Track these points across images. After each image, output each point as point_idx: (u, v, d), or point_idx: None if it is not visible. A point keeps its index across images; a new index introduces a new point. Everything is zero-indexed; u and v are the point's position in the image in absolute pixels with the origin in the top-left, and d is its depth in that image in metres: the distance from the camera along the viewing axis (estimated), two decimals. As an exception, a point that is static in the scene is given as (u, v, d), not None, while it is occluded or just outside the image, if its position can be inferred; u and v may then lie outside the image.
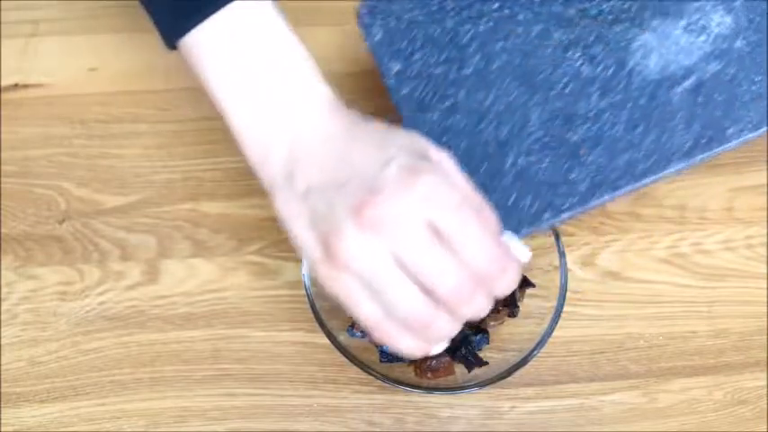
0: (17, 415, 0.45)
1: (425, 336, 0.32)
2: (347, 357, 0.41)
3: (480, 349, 0.44)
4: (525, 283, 0.45)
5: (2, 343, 0.46)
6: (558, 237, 0.44)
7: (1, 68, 0.52)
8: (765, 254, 0.49)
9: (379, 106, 0.47)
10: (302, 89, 0.35)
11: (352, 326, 0.43)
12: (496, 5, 0.42)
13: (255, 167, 0.35)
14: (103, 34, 0.54)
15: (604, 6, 0.41)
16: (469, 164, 0.37)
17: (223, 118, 0.35)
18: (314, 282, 0.42)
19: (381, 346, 0.43)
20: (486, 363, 0.43)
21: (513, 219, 0.40)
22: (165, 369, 0.46)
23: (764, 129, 0.41)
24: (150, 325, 0.46)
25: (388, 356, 0.43)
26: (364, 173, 0.31)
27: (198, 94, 0.52)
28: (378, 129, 0.34)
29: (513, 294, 0.45)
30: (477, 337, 0.43)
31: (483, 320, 0.44)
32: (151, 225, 0.49)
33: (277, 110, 0.34)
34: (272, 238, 0.49)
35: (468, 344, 0.43)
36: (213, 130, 0.51)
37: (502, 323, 0.45)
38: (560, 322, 0.42)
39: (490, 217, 0.33)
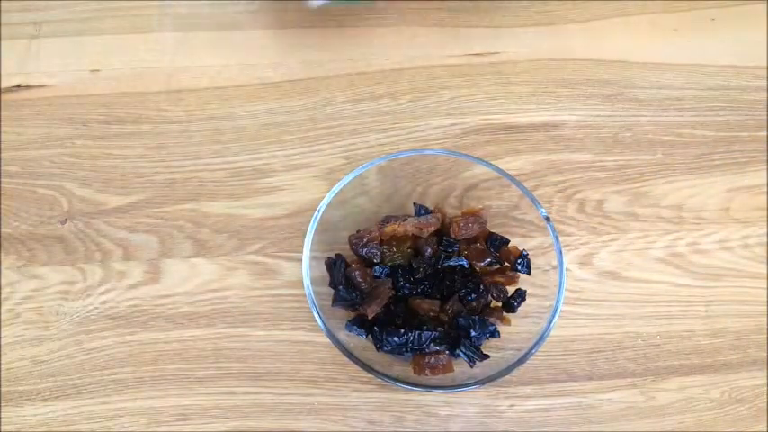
0: (19, 413, 0.45)
1: None
2: (347, 356, 0.41)
3: (481, 344, 0.44)
4: (519, 295, 0.45)
5: (4, 342, 0.46)
6: (556, 237, 0.44)
7: (3, 70, 0.53)
8: (762, 253, 0.50)
9: None
10: None
11: (352, 323, 0.44)
12: None
13: None
14: (105, 36, 0.54)
15: None
16: None
17: None
18: (314, 281, 0.43)
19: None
20: (488, 356, 0.43)
21: None
22: (167, 368, 0.46)
23: None
24: (152, 324, 0.47)
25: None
26: None
27: (199, 94, 0.52)
28: None
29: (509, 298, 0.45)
30: (477, 332, 0.44)
31: (484, 314, 0.44)
32: (153, 225, 0.49)
33: None
34: (273, 238, 0.49)
35: (468, 337, 0.43)
36: (214, 131, 0.51)
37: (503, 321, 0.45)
38: (558, 321, 0.42)
39: None
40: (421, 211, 0.46)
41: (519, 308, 0.45)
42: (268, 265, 0.48)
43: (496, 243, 0.46)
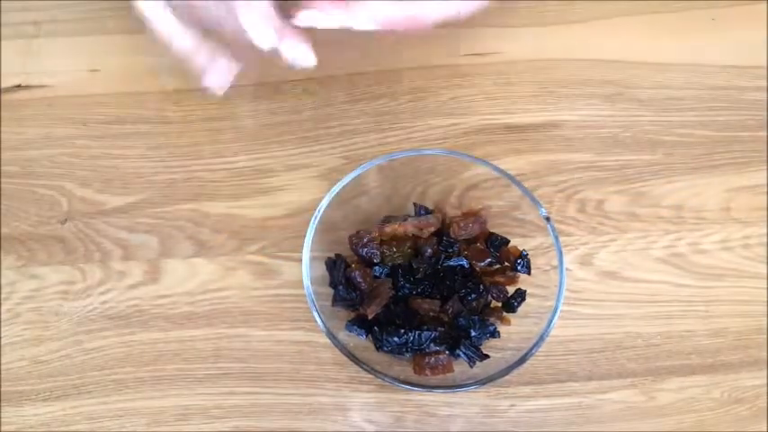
0: (19, 414, 0.45)
1: None
2: (347, 356, 0.41)
3: (481, 344, 0.44)
4: (519, 295, 0.45)
5: (4, 342, 0.46)
6: (556, 237, 0.44)
7: (3, 69, 0.53)
8: (763, 253, 0.50)
9: None
10: None
11: (352, 323, 0.44)
12: None
13: None
14: (105, 35, 0.54)
15: None
16: None
17: None
18: (314, 281, 0.43)
19: None
20: (488, 356, 0.43)
21: None
22: (167, 368, 0.46)
23: None
24: (152, 324, 0.47)
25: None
26: None
27: (198, 94, 0.52)
28: None
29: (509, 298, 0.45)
30: (477, 332, 0.43)
31: (484, 315, 0.44)
32: (153, 225, 0.49)
33: None
34: (273, 238, 0.49)
35: (468, 338, 0.43)
36: (215, 131, 0.51)
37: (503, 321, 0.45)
38: (558, 321, 0.42)
39: None
40: (421, 211, 0.46)
41: (519, 308, 0.45)
42: (268, 265, 0.48)
43: (496, 243, 0.46)
